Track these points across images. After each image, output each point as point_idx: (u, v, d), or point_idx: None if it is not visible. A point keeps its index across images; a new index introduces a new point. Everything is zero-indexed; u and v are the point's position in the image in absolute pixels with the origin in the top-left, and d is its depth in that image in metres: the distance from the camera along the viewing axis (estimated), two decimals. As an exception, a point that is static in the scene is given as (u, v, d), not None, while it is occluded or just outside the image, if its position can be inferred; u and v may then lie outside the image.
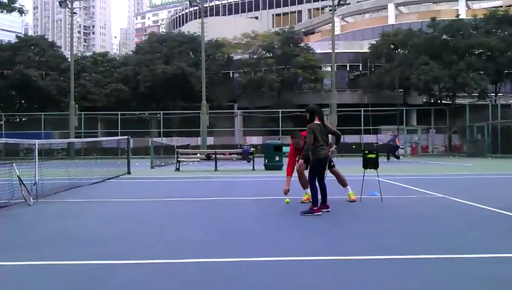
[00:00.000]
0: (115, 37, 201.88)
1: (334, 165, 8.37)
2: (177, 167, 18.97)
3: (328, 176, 7.77)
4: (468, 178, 14.56)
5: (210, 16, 72.57)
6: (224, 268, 4.24)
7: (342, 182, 8.48)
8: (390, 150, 27.13)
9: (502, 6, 48.30)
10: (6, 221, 7.06)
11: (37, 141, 10.17)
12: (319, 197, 7.14)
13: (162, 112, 40.38)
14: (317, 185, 7.15)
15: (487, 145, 32.44)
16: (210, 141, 37.41)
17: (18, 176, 8.38)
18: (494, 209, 7.37)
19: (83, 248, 5.10)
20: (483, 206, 7.72)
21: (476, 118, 34.71)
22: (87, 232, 6.04)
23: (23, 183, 8.42)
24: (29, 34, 76.96)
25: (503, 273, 4.00)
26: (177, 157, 19.41)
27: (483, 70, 36.50)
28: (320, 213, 6.96)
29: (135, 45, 70.05)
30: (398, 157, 26.81)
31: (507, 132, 31.52)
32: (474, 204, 8.00)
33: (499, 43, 35.58)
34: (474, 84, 35.73)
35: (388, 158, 26.56)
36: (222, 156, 19.95)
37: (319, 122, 7.20)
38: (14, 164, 8.51)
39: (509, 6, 46.14)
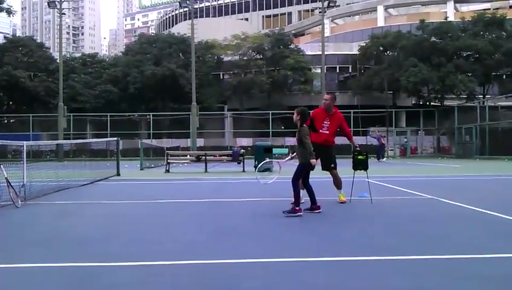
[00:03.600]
0: (104, 38, 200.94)
1: (335, 168, 8.39)
2: (167, 168, 18.90)
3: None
4: (457, 179, 14.67)
5: (200, 17, 72.64)
6: (216, 269, 4.23)
7: (338, 185, 8.49)
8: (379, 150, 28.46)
9: (489, 9, 48.85)
10: (-6, 223, 6.98)
11: (25, 143, 10.06)
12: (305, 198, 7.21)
13: (151, 113, 40.25)
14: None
15: (475, 146, 32.74)
16: (200, 142, 37.36)
17: (6, 178, 8.29)
18: (483, 211, 7.42)
19: (72, 249, 5.05)
20: (472, 207, 7.77)
21: (464, 120, 35.03)
22: (75, 234, 5.98)
23: (11, 186, 8.33)
24: (17, 34, 76.42)
25: (492, 273, 4.03)
26: (167, 159, 19.34)
27: (471, 73, 36.88)
28: (302, 213, 6.97)
29: (125, 46, 69.77)
30: (378, 158, 27.99)
31: (495, 133, 31.87)
32: (463, 205, 8.06)
33: (487, 45, 35.97)
34: (462, 86, 36.09)
35: (378, 159, 27.53)
36: (212, 157, 19.92)
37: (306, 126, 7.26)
38: (1, 166, 8.40)
39: (497, 9, 46.73)
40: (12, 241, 5.64)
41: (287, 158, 8.57)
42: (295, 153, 7.69)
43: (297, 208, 7.01)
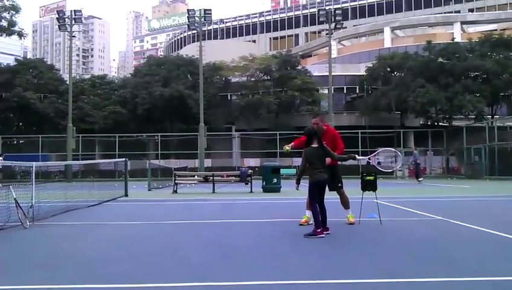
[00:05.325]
0: (114, 60, 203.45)
1: (341, 187, 8.34)
2: (175, 189, 18.88)
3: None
4: (467, 200, 14.53)
5: (208, 39, 73.38)
6: (223, 292, 4.19)
7: (345, 204, 8.43)
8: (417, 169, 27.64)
9: (496, 30, 48.98)
10: (2, 244, 6.99)
11: (34, 164, 10.11)
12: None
13: (159, 134, 40.41)
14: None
15: (484, 167, 32.46)
16: (208, 163, 37.37)
17: (15, 199, 8.32)
18: (494, 232, 7.33)
19: (79, 271, 5.04)
20: (482, 229, 7.68)
21: (473, 140, 34.80)
22: (83, 255, 5.97)
23: (19, 206, 8.35)
24: (28, 57, 77.55)
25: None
26: (175, 180, 19.33)
27: (479, 93, 36.76)
28: (323, 235, 6.93)
29: (133, 68, 70.58)
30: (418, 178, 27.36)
31: (504, 153, 31.61)
32: (473, 226, 7.96)
33: (494, 65, 35.94)
34: (470, 106, 35.94)
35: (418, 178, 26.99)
36: (220, 178, 19.88)
37: (316, 146, 7.23)
38: (11, 187, 8.45)
39: (504, 29, 46.85)
40: (20, 262, 5.63)
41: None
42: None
43: (318, 230, 6.97)
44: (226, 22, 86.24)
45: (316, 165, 7.17)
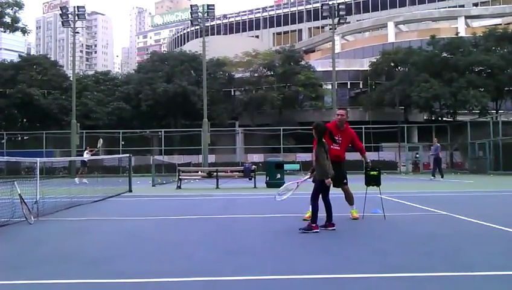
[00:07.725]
0: (117, 56, 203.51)
1: (346, 183, 8.31)
2: (179, 184, 18.91)
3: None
4: (471, 195, 14.48)
5: (211, 35, 73.29)
6: (228, 287, 4.19)
7: (349, 201, 8.40)
8: (438, 164, 23.88)
9: (501, 24, 48.73)
10: (7, 240, 7.00)
11: (38, 159, 10.15)
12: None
13: (163, 130, 40.45)
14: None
15: (489, 162, 32.37)
16: (211, 158, 37.40)
17: (19, 195, 8.34)
18: (498, 227, 7.31)
19: (84, 266, 5.05)
20: (487, 224, 7.65)
21: (477, 135, 34.69)
22: (87, 250, 5.99)
23: (24, 202, 8.38)
24: (31, 53, 77.55)
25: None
26: (179, 175, 19.36)
27: (483, 88, 36.65)
28: (318, 230, 6.91)
29: (137, 64, 70.58)
30: (434, 175, 23.72)
31: (509, 148, 31.46)
32: (477, 221, 7.94)
33: (499, 60, 35.81)
34: (474, 101, 35.84)
35: (434, 175, 23.69)
36: (223, 173, 19.90)
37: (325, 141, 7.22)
38: (15, 182, 8.48)
39: (508, 24, 46.62)
40: (25, 257, 5.65)
41: (305, 177, 8.28)
42: (314, 172, 7.49)
43: (313, 225, 6.94)
44: (229, 18, 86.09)
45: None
